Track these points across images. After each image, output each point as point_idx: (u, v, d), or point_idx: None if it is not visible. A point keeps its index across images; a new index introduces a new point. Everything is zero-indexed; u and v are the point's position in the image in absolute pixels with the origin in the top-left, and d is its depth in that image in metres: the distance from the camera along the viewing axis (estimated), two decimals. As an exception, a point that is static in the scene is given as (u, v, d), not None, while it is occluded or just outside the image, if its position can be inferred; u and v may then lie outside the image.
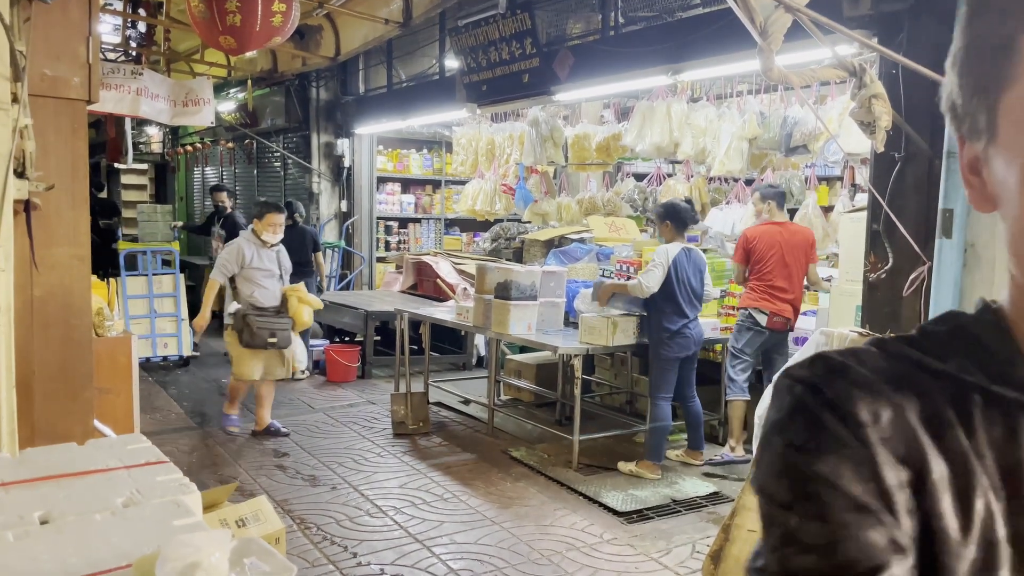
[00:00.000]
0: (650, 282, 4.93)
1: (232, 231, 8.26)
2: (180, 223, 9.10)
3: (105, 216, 13.61)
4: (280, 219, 5.62)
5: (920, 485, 0.57)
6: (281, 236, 5.67)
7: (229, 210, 8.94)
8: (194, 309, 7.04)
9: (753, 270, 5.32)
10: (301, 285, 5.90)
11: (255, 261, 5.55)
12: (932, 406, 0.58)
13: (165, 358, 7.97)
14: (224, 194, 9.18)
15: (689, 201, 5.68)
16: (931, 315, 3.82)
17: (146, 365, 7.69)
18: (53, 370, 2.69)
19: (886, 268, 4.05)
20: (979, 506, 0.56)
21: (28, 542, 1.21)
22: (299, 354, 6.30)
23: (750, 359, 5.28)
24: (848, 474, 0.57)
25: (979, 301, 0.66)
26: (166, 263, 8.59)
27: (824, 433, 0.58)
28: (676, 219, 5.09)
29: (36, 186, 2.53)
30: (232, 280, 5.58)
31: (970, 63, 0.59)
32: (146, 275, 7.89)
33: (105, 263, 9.87)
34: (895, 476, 0.56)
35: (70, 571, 1.12)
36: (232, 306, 5.61)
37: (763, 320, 5.21)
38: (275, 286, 5.67)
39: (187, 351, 7.94)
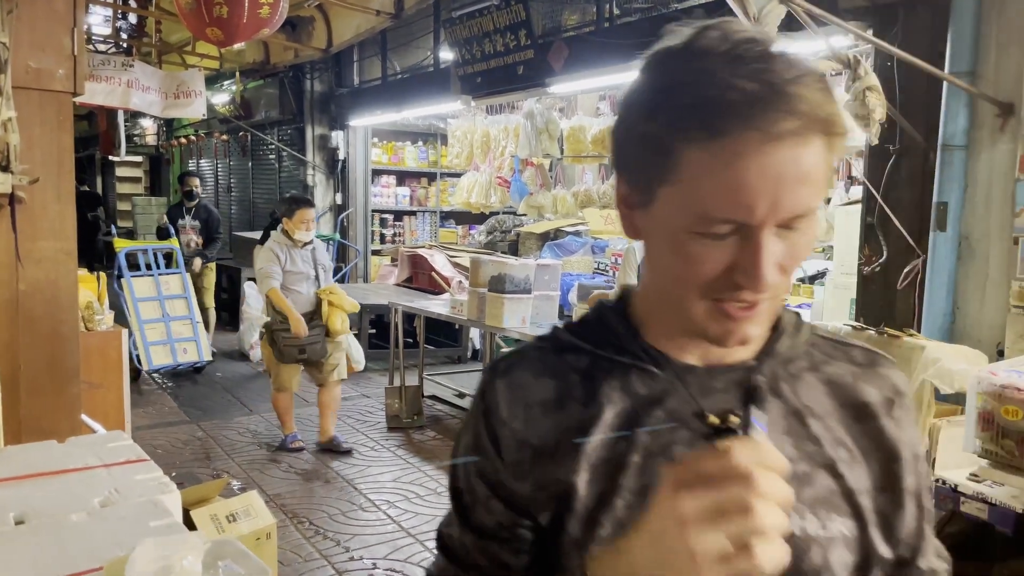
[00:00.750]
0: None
1: (209, 221, 8.08)
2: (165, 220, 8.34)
3: (90, 209, 13.55)
4: (312, 214, 5.16)
5: (543, 454, 0.77)
6: (315, 233, 5.25)
7: (199, 198, 8.23)
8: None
9: None
10: (336, 286, 5.42)
11: (288, 264, 5.10)
12: (574, 376, 0.81)
13: (178, 365, 7.07)
14: (196, 180, 8.46)
15: None
16: (926, 309, 3.82)
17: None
18: (39, 365, 2.67)
19: (880, 261, 4.03)
20: (599, 464, 0.76)
21: (1, 543, 1.19)
22: (355, 354, 5.78)
23: None
24: (482, 446, 0.81)
25: (616, 291, 0.88)
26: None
27: (470, 417, 0.84)
28: None
29: (20, 180, 2.50)
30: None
31: (645, 147, 0.72)
32: (152, 275, 7.14)
33: (90, 256, 9.68)
34: (515, 454, 0.79)
35: (44, 573, 1.10)
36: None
37: None
38: (309, 289, 5.22)
39: (207, 355, 7.15)
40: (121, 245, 7.26)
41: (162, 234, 8.00)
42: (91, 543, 1.17)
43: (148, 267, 7.10)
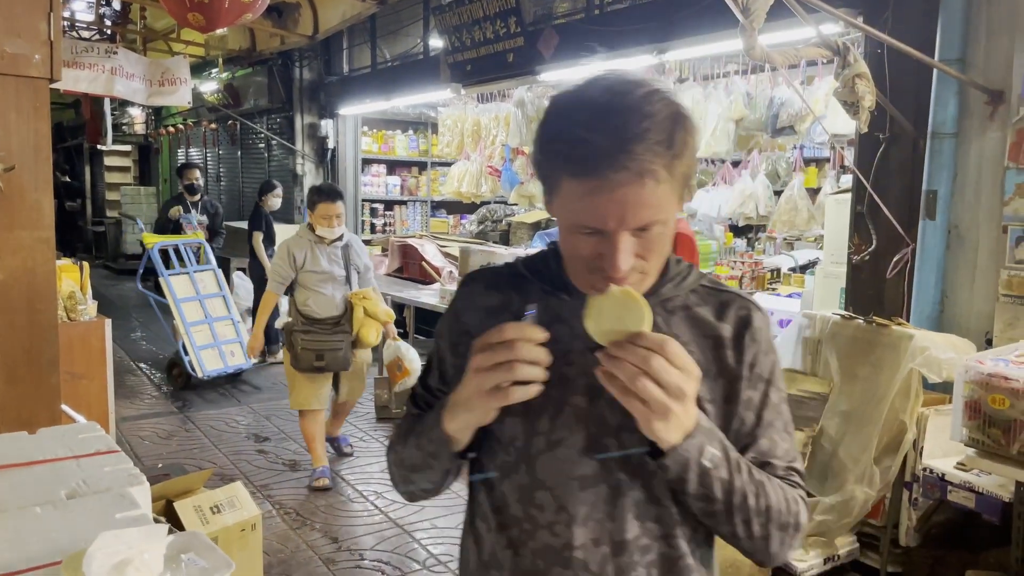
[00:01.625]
0: None
1: (216, 216, 7.86)
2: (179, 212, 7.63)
3: (68, 199, 13.44)
4: (337, 209, 4.48)
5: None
6: (342, 229, 4.58)
7: (200, 191, 7.83)
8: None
9: None
10: (371, 291, 4.74)
11: (309, 263, 4.49)
12: (513, 293, 1.14)
13: (227, 370, 6.58)
14: (197, 172, 7.91)
15: None
16: (915, 297, 3.81)
17: (216, 382, 6.63)
18: (17, 355, 2.63)
19: (870, 250, 4.01)
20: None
21: (-37, 537, 1.16)
22: (409, 357, 5.14)
23: None
24: (443, 331, 1.19)
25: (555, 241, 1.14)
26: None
27: (454, 302, 1.21)
28: None
29: (-4, 167, 2.45)
30: (290, 287, 4.59)
31: (541, 164, 1.03)
32: (187, 272, 6.66)
33: (72, 245, 9.45)
34: (456, 338, 1.15)
35: (4, 566, 1.07)
36: (281, 319, 4.70)
37: None
38: (337, 291, 4.60)
39: (255, 358, 6.30)
40: (152, 240, 6.72)
41: (175, 228, 7.53)
42: (53, 536, 1.14)
43: (165, 265, 6.58)
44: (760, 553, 1.09)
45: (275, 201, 7.54)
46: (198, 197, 7.67)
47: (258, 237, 7.49)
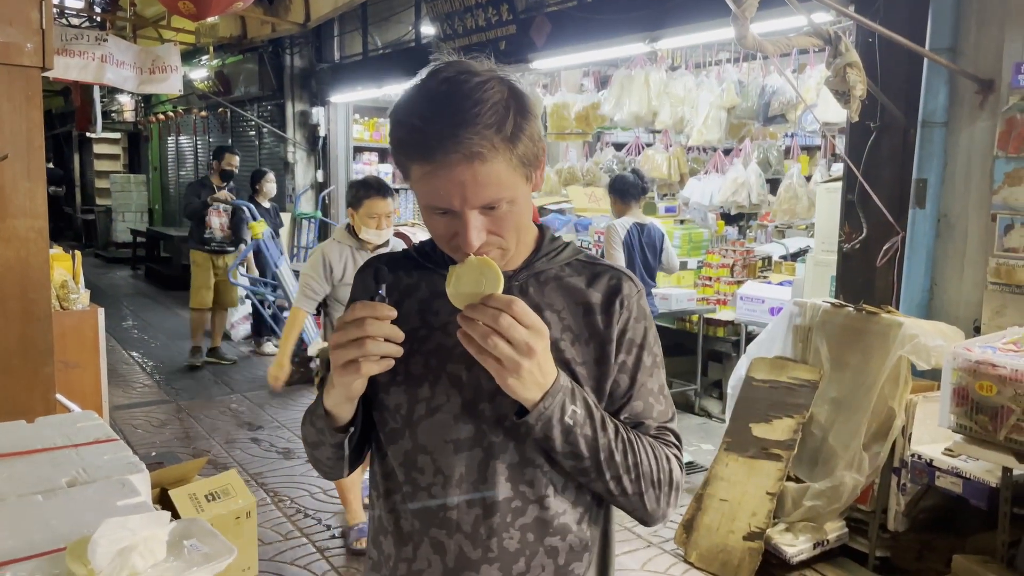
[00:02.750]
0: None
1: (240, 206, 7.15)
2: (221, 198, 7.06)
3: (54, 184, 13.32)
4: (387, 206, 3.69)
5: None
6: (390, 232, 3.78)
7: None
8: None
9: None
10: None
11: (348, 273, 3.67)
12: (403, 277, 1.23)
13: None
14: (237, 158, 7.32)
15: (637, 172, 5.19)
16: (904, 285, 3.84)
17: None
18: (12, 345, 2.63)
19: (860, 238, 4.04)
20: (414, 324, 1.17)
21: (-35, 524, 1.17)
22: None
23: None
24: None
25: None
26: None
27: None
28: (618, 192, 5.00)
29: (-12, 156, 2.45)
30: (323, 304, 3.84)
31: (394, 154, 1.10)
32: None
33: (60, 233, 9.27)
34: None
35: (7, 554, 1.09)
36: (315, 343, 4.04)
37: None
38: None
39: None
40: (260, 230, 6.60)
41: (201, 217, 7.07)
42: (56, 523, 1.16)
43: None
44: (639, 511, 1.16)
45: (271, 187, 7.36)
46: (227, 184, 7.21)
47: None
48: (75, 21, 7.28)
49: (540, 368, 1.02)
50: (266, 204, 7.37)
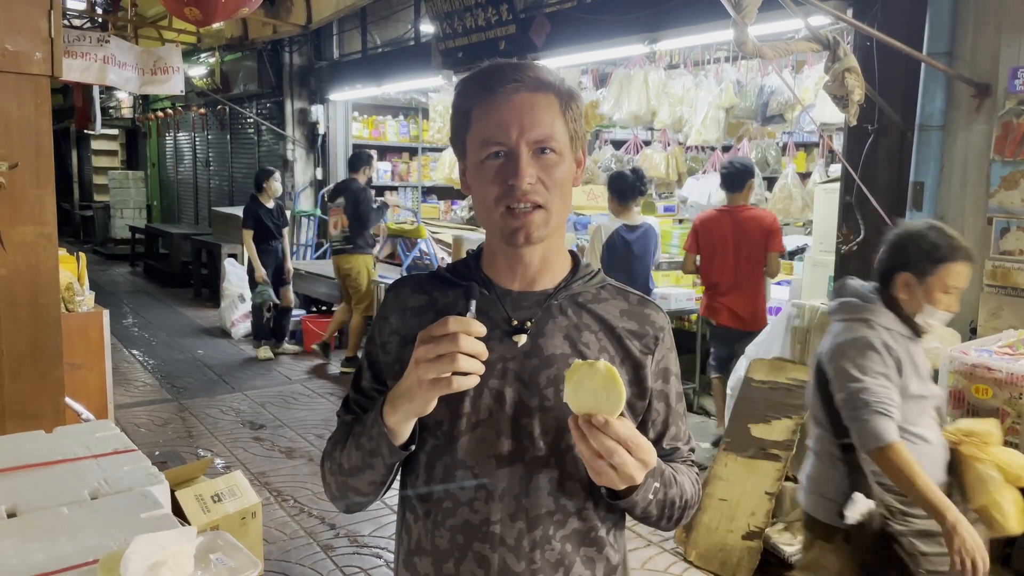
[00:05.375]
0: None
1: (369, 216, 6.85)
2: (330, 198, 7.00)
3: None
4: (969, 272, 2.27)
5: (406, 340, 1.19)
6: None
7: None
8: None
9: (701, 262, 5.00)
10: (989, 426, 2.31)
11: (910, 375, 2.22)
12: (438, 295, 1.24)
13: None
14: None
15: (637, 171, 5.08)
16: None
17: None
18: (21, 350, 2.66)
19: (858, 240, 4.08)
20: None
21: (-6, 537, 1.20)
22: None
23: (715, 349, 5.19)
24: (374, 335, 1.27)
25: (476, 247, 1.28)
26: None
27: (383, 307, 1.28)
28: (616, 191, 5.00)
29: (0, 166, 2.48)
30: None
31: (455, 119, 1.19)
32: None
33: (58, 230, 9.22)
34: (387, 337, 1.24)
35: (36, 567, 1.12)
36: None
37: (712, 325, 5.08)
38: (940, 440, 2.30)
39: None
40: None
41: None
42: (83, 536, 1.19)
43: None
44: (667, 528, 1.25)
45: (276, 187, 7.31)
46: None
47: (248, 235, 7.20)
48: (77, 22, 7.28)
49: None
50: (270, 204, 7.35)
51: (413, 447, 1.15)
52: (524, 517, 1.14)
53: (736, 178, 4.86)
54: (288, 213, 9.17)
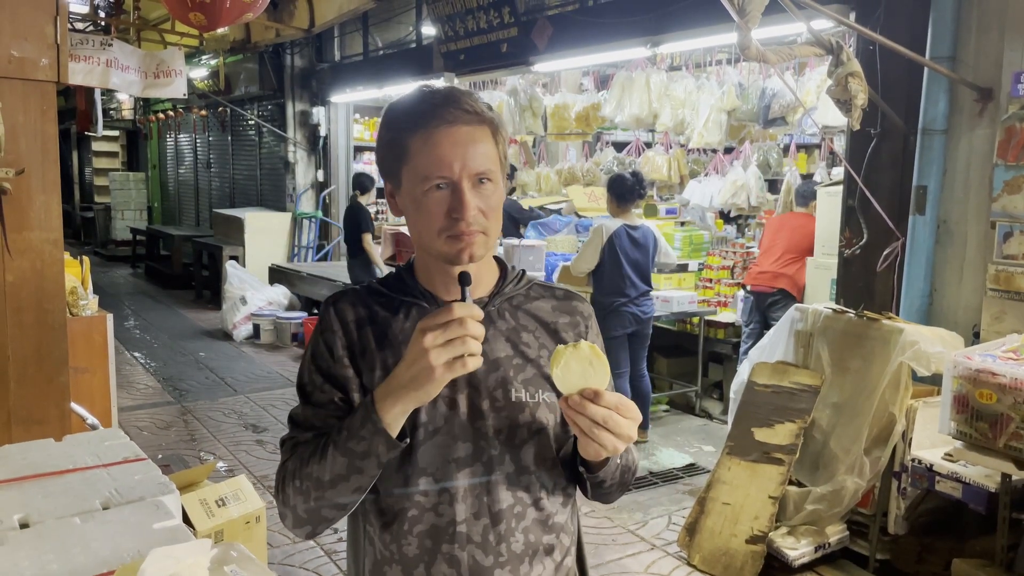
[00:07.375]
0: (579, 264, 5.00)
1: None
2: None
3: None
4: None
5: (357, 353, 1.23)
6: None
7: None
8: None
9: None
10: None
11: None
12: (376, 308, 1.26)
13: None
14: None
15: (636, 174, 5.17)
16: (904, 290, 3.89)
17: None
18: (27, 355, 2.66)
19: (860, 243, 4.09)
20: (389, 362, 1.21)
21: (9, 547, 1.21)
22: None
23: (750, 328, 5.41)
24: (320, 351, 1.25)
25: (406, 262, 1.32)
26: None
27: (312, 335, 1.27)
28: (615, 193, 5.03)
29: (6, 172, 2.48)
30: None
31: (388, 148, 1.21)
32: None
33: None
34: (341, 351, 1.23)
35: (50, 578, 1.13)
36: None
37: (747, 290, 5.57)
38: None
39: None
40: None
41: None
42: (96, 547, 1.20)
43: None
44: (617, 496, 1.35)
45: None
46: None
47: (368, 238, 7.08)
48: (79, 26, 7.28)
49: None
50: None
51: (408, 440, 1.16)
52: (487, 514, 1.20)
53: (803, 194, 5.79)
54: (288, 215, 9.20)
